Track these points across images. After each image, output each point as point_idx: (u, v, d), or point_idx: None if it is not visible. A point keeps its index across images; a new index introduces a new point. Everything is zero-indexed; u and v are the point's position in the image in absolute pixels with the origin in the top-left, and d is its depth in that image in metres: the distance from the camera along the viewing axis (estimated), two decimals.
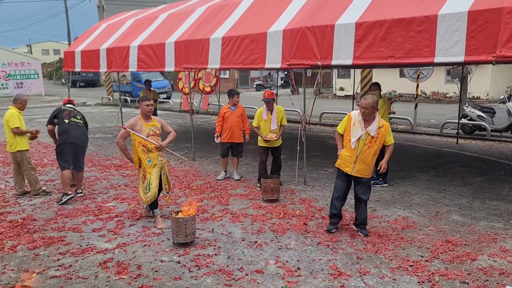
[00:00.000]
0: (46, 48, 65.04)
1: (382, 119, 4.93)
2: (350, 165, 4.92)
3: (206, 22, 8.76)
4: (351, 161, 4.91)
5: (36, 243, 4.95)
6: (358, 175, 4.93)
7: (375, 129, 4.77)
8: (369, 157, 4.86)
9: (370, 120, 4.80)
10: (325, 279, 4.03)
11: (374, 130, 4.77)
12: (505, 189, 6.84)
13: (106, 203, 6.43)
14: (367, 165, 4.89)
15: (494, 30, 4.82)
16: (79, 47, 12.30)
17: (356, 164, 4.89)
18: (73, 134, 6.50)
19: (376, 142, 4.82)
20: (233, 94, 7.51)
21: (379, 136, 4.81)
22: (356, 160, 4.88)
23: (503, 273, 4.09)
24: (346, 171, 4.97)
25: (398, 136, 12.23)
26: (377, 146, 4.85)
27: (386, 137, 4.87)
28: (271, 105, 6.91)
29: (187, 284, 3.99)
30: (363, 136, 4.80)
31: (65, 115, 6.59)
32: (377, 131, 4.79)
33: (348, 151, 4.94)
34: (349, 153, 4.92)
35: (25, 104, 6.88)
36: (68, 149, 6.51)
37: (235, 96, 7.48)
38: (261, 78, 34.52)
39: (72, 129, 6.52)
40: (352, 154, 4.90)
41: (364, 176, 4.94)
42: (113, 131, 13.65)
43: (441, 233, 5.10)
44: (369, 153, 4.84)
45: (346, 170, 4.97)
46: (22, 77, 26.95)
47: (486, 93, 21.54)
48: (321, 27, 6.32)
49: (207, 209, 6.06)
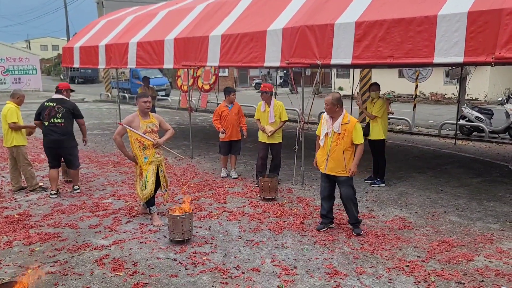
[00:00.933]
0: (44, 43, 64.81)
1: (350, 116, 4.99)
2: (323, 163, 5.05)
3: (206, 19, 8.74)
4: (324, 159, 5.04)
5: (32, 238, 4.93)
6: (333, 173, 5.01)
7: (338, 125, 4.89)
8: (339, 154, 4.91)
9: (336, 117, 4.94)
10: (321, 278, 4.03)
11: (337, 127, 4.89)
12: (502, 191, 6.85)
13: (103, 200, 6.41)
14: (339, 162, 4.93)
15: (494, 31, 4.81)
16: (78, 43, 12.26)
17: (328, 162, 4.99)
18: (50, 139, 6.47)
19: (343, 138, 4.89)
20: (230, 91, 7.51)
21: (345, 132, 4.87)
22: (327, 158, 4.99)
23: (499, 274, 4.10)
24: (321, 169, 5.11)
25: (396, 137, 12.24)
26: (345, 143, 4.89)
27: (353, 134, 4.88)
28: (266, 97, 6.94)
29: (183, 281, 3.98)
30: (330, 133, 4.94)
31: (45, 116, 6.45)
32: (342, 127, 4.88)
33: (320, 149, 5.11)
34: (321, 151, 5.10)
35: (22, 99, 6.85)
36: (47, 152, 6.61)
37: (232, 94, 7.48)
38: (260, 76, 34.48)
39: (50, 133, 6.45)
40: (323, 152, 5.05)
41: (340, 174, 4.97)
42: (111, 128, 13.62)
43: (437, 234, 5.10)
44: (338, 150, 4.91)
45: (321, 169, 5.11)
46: (20, 72, 26.88)
47: (484, 94, 21.57)
48: (321, 26, 6.31)
49: (204, 207, 6.05)
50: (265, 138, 6.93)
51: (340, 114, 4.94)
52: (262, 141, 7.00)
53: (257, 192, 6.65)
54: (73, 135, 6.65)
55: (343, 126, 4.88)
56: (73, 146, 6.68)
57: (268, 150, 7.05)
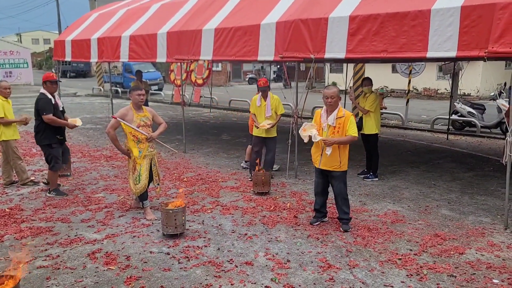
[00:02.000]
0: (36, 37, 64.04)
1: (344, 110, 4.94)
2: (318, 158, 5.00)
3: (199, 13, 8.68)
4: (318, 154, 4.99)
5: (24, 233, 4.89)
6: (327, 168, 4.97)
7: (333, 118, 4.85)
8: (333, 148, 4.87)
9: (332, 111, 4.89)
10: (315, 272, 4.04)
11: (332, 120, 4.85)
12: (494, 185, 6.91)
13: (95, 194, 6.37)
14: (333, 156, 4.89)
15: (487, 25, 4.83)
16: (70, 36, 12.12)
17: (323, 157, 4.94)
18: None
19: (338, 132, 4.85)
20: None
21: (340, 126, 4.84)
22: (322, 152, 4.93)
23: (490, 267, 4.14)
24: (316, 165, 5.06)
25: (389, 131, 12.29)
26: (339, 136, 4.85)
27: (348, 127, 4.84)
28: (266, 93, 6.89)
29: (176, 275, 3.97)
30: (325, 127, 4.88)
31: None
32: (337, 121, 4.84)
33: (315, 145, 5.03)
34: (316, 146, 5.03)
35: (7, 91, 6.51)
36: None
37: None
38: (254, 71, 34.40)
39: None
40: (318, 147, 4.99)
41: (334, 169, 4.94)
42: (104, 122, 13.52)
43: (430, 227, 5.13)
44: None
45: (316, 164, 5.06)
46: (11, 66, 26.58)
47: (476, 90, 21.71)
48: (315, 20, 6.29)
49: (198, 201, 6.04)
50: (261, 132, 6.90)
51: (337, 107, 4.90)
52: (257, 135, 6.97)
53: (250, 187, 6.64)
54: (44, 133, 6.15)
55: (338, 120, 4.85)
56: (43, 145, 6.24)
57: (263, 144, 7.03)
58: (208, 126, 13.31)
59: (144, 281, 3.85)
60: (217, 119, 14.97)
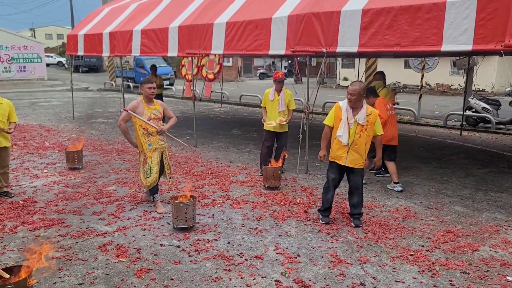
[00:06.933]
0: (49, 32, 64.67)
1: (370, 107, 4.83)
2: (344, 155, 4.82)
3: (210, 7, 8.65)
4: (344, 151, 4.82)
5: (36, 224, 4.95)
6: (353, 166, 4.85)
7: (364, 117, 4.70)
8: (361, 146, 4.77)
9: (358, 108, 4.73)
10: (325, 266, 4.01)
11: (363, 118, 4.70)
12: (508, 181, 6.79)
13: (106, 187, 6.42)
14: (360, 154, 4.80)
15: (503, 18, 4.72)
16: (82, 30, 12.20)
17: (349, 154, 4.80)
18: None
19: (366, 130, 4.74)
20: None
21: (368, 124, 4.73)
22: (348, 150, 4.79)
23: (504, 264, 4.07)
24: (340, 162, 4.87)
25: (402, 127, 12.15)
26: (367, 134, 4.76)
27: (375, 126, 4.78)
28: (281, 86, 6.81)
29: (186, 268, 3.98)
30: (352, 124, 4.72)
31: None
32: (366, 118, 4.72)
33: (337, 142, 4.84)
34: (339, 143, 4.82)
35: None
36: None
37: None
38: (265, 66, 34.34)
39: None
40: (342, 145, 4.80)
41: (358, 166, 4.86)
42: (115, 116, 13.61)
43: (442, 224, 5.07)
44: (361, 142, 4.76)
45: (340, 162, 4.87)
46: (25, 60, 26.84)
47: (491, 85, 21.36)
48: (327, 13, 6.22)
49: (208, 195, 6.04)
50: (273, 127, 6.85)
51: (363, 104, 4.75)
52: (269, 130, 6.93)
53: (260, 181, 6.62)
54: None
55: (366, 118, 4.72)
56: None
57: (274, 139, 6.99)
58: (218, 121, 13.32)
59: (154, 274, 3.87)
60: (227, 114, 14.97)
